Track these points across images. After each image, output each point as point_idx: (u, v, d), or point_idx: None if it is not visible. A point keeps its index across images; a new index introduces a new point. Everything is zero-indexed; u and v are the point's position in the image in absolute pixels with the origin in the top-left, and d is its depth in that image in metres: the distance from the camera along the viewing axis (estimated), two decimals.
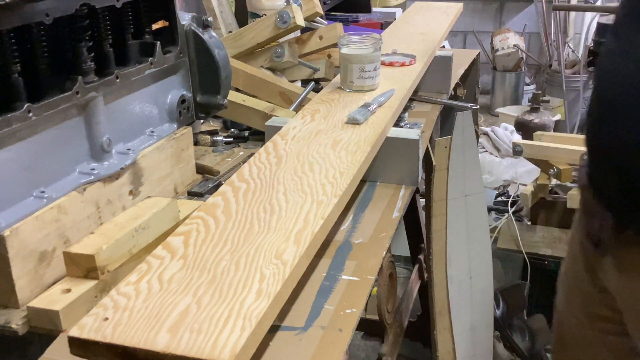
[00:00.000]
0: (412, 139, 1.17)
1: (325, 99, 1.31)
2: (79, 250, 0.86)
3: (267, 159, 1.02)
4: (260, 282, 0.71)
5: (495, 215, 2.62)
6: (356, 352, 2.28)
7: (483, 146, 3.37)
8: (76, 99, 0.92)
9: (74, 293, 0.83)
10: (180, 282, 0.71)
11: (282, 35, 1.62)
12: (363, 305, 0.86)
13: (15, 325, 0.81)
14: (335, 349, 0.77)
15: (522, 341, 2.17)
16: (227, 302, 0.67)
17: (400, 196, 1.16)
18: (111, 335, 0.63)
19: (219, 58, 1.21)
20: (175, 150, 1.15)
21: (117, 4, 1.00)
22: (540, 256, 2.25)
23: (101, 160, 0.99)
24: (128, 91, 1.06)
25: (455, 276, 1.68)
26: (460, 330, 1.71)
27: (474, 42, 4.51)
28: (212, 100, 1.24)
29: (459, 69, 1.86)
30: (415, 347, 2.05)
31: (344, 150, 1.05)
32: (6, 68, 0.84)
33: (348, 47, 1.34)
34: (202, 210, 0.87)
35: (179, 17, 1.16)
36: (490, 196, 2.74)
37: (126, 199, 1.03)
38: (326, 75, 1.72)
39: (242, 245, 0.78)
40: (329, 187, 0.92)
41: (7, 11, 0.81)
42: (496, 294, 2.13)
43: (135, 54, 1.08)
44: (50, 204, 0.88)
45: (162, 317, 0.65)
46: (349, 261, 0.96)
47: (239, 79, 1.54)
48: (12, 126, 0.82)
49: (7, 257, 0.81)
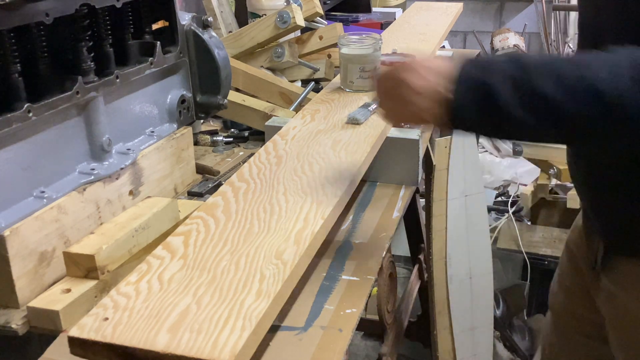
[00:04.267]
0: (412, 139, 1.17)
1: (325, 99, 1.31)
2: (79, 250, 0.86)
3: (267, 159, 1.02)
4: (260, 282, 0.71)
5: (495, 215, 2.62)
6: (356, 352, 2.28)
7: (483, 146, 3.37)
8: (76, 99, 0.92)
9: (74, 293, 0.83)
10: (180, 282, 0.71)
11: (282, 35, 1.62)
12: (363, 305, 0.86)
13: (15, 325, 0.81)
14: (335, 349, 0.77)
15: (522, 341, 2.18)
16: (227, 302, 0.67)
17: (400, 196, 1.16)
18: (111, 335, 0.63)
19: (219, 58, 1.21)
20: (175, 150, 1.15)
21: (117, 4, 1.00)
22: (540, 256, 2.26)
23: (101, 160, 0.99)
24: (128, 91, 1.06)
25: (455, 276, 1.68)
26: (460, 330, 1.71)
27: (474, 42, 4.51)
28: (212, 100, 1.24)
29: None
30: (415, 347, 2.05)
31: (344, 150, 1.05)
32: (6, 68, 0.84)
33: (348, 47, 1.34)
34: (202, 210, 0.87)
35: (179, 17, 1.16)
36: (490, 196, 2.74)
37: (126, 199, 1.03)
38: (326, 75, 1.72)
39: (242, 245, 0.78)
40: (329, 187, 0.92)
41: (7, 11, 0.81)
42: (496, 294, 2.13)
43: (135, 54, 1.08)
44: (50, 204, 0.88)
45: (162, 317, 0.65)
46: (349, 261, 0.96)
47: (239, 79, 1.54)
48: (12, 126, 0.82)
49: (7, 257, 0.81)
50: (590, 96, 0.74)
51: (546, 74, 0.76)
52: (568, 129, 0.78)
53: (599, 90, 0.74)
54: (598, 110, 0.75)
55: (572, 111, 0.75)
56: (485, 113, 0.78)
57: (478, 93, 0.78)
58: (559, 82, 0.75)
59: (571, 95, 0.75)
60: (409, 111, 0.83)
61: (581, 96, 0.75)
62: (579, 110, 0.75)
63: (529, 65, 0.77)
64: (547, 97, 0.75)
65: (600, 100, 0.74)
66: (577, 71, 0.76)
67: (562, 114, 0.76)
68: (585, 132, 0.78)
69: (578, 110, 0.75)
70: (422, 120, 0.85)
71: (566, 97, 0.75)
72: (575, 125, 0.77)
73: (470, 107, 0.78)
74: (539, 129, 0.78)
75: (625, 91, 0.74)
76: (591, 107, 0.75)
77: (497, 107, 0.77)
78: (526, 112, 0.76)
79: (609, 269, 1.05)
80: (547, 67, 0.77)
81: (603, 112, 0.75)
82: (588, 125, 0.77)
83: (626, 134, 0.77)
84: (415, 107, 0.81)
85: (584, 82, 0.75)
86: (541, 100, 0.76)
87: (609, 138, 0.79)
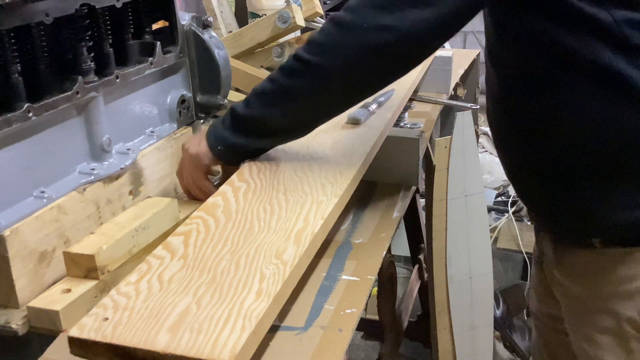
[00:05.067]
0: (412, 138, 1.17)
1: None
2: (79, 250, 0.86)
3: (267, 159, 1.02)
4: (260, 282, 0.71)
5: (495, 215, 2.62)
6: (356, 352, 2.28)
7: (483, 146, 3.37)
8: (76, 99, 0.92)
9: (74, 293, 0.83)
10: (180, 282, 0.71)
11: (282, 35, 1.62)
12: (363, 305, 0.86)
13: (15, 325, 0.81)
14: (335, 349, 0.77)
15: (522, 341, 2.17)
16: (227, 302, 0.67)
17: (400, 196, 1.16)
18: (111, 335, 0.63)
19: (219, 58, 1.20)
20: (176, 150, 1.15)
21: (117, 4, 1.00)
22: None
23: (101, 160, 0.99)
24: (128, 91, 1.06)
25: (455, 276, 1.68)
26: (460, 330, 1.71)
27: (474, 42, 4.50)
28: (212, 100, 1.24)
29: (459, 69, 1.86)
30: (415, 347, 2.05)
31: (343, 150, 1.05)
32: (6, 68, 0.84)
33: None
34: (202, 210, 0.87)
35: (179, 17, 1.16)
36: (490, 196, 2.74)
37: (126, 199, 1.03)
38: None
39: (242, 245, 0.78)
40: (329, 187, 0.92)
41: (7, 11, 0.81)
42: (496, 294, 2.12)
43: (135, 54, 1.08)
44: (50, 204, 0.88)
45: (162, 317, 0.65)
46: (349, 261, 0.96)
47: (239, 79, 1.54)
48: (12, 126, 0.82)
49: (7, 257, 0.81)
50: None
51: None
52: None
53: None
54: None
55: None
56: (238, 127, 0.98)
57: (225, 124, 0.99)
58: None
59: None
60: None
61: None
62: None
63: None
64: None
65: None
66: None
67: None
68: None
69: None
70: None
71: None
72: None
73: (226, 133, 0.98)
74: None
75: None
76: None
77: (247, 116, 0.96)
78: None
79: (560, 263, 1.07)
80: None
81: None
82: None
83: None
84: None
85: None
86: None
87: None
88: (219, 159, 1.00)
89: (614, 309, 0.99)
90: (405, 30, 0.85)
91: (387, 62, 0.90)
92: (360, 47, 0.87)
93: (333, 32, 0.89)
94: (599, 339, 1.02)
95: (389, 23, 0.85)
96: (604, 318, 1.01)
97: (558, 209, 1.02)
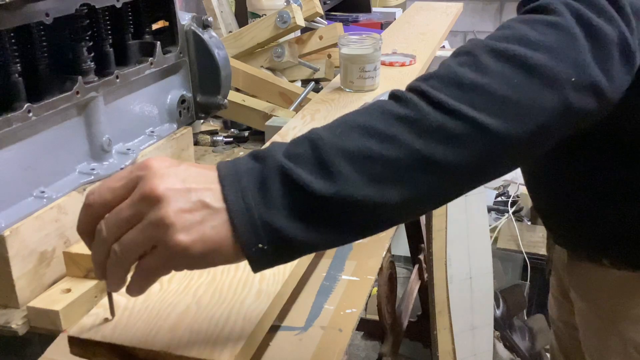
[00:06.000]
0: None
1: (325, 99, 1.31)
2: (79, 250, 0.86)
3: None
4: (260, 282, 0.71)
5: (495, 215, 2.62)
6: (356, 352, 2.28)
7: None
8: (76, 99, 0.92)
9: (74, 293, 0.83)
10: (180, 282, 0.71)
11: (282, 35, 1.62)
12: (363, 305, 0.86)
13: (15, 325, 0.81)
14: (335, 349, 0.77)
15: (522, 341, 2.17)
16: (227, 302, 0.67)
17: None
18: (111, 335, 0.63)
19: (219, 58, 1.20)
20: (175, 150, 1.15)
21: (117, 4, 1.00)
22: (540, 256, 2.26)
23: (101, 160, 0.99)
24: (128, 91, 1.06)
25: (455, 276, 1.68)
26: (460, 330, 1.71)
27: None
28: (212, 100, 1.24)
29: None
30: (415, 347, 2.05)
31: None
32: (6, 68, 0.84)
33: (348, 47, 1.34)
34: None
35: (179, 17, 1.16)
36: (490, 196, 2.74)
37: None
38: (326, 75, 1.72)
39: None
40: None
41: (7, 11, 0.81)
42: (496, 294, 2.12)
43: (135, 54, 1.08)
44: (50, 204, 0.88)
45: (162, 317, 0.65)
46: (349, 261, 0.96)
47: (239, 79, 1.54)
48: (12, 126, 0.82)
49: (7, 257, 0.81)
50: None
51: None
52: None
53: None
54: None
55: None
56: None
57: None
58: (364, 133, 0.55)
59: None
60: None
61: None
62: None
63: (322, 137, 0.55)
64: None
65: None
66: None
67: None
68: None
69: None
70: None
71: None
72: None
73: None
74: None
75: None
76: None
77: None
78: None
79: (572, 274, 1.07)
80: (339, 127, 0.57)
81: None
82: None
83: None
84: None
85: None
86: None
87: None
88: (252, 263, 0.54)
89: (621, 331, 0.98)
90: (611, 91, 0.59)
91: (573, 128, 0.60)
92: (558, 111, 0.57)
93: (519, 81, 0.56)
94: (606, 357, 1.02)
95: (598, 78, 0.58)
96: (612, 338, 1.00)
97: (576, 229, 1.01)
